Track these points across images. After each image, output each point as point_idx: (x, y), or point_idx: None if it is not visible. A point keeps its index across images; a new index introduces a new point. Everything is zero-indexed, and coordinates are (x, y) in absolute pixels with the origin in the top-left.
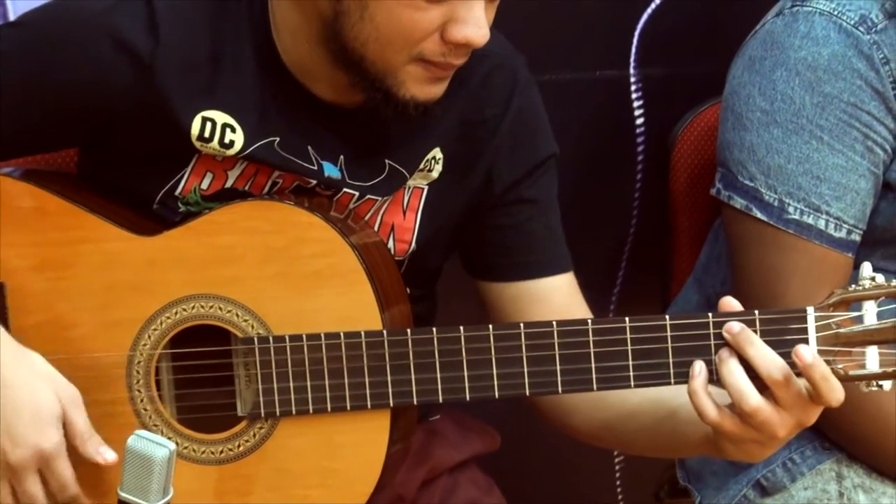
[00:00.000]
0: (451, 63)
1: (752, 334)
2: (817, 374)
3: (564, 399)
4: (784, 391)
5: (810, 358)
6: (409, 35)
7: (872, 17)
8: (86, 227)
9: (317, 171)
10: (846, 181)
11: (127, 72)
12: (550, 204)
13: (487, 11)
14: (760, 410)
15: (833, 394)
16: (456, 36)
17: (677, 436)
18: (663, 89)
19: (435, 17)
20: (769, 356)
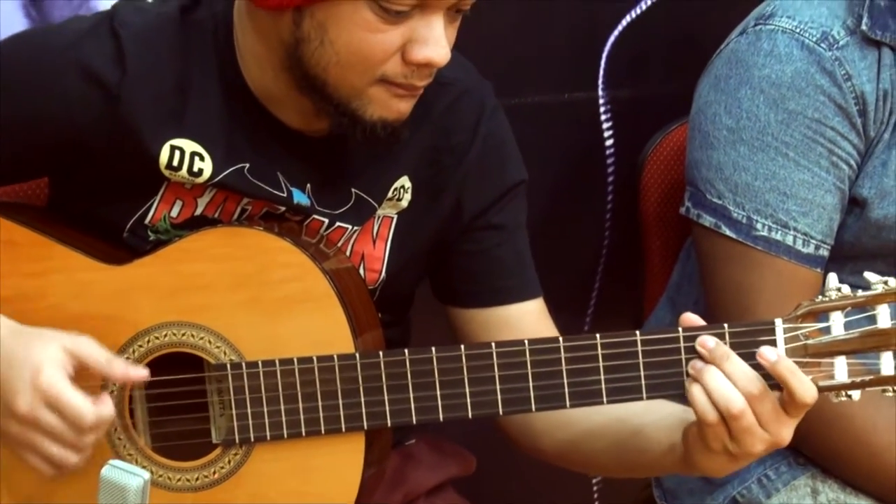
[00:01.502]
0: (414, 84)
1: (727, 350)
2: (785, 371)
3: (532, 421)
4: (760, 405)
5: (774, 356)
6: (370, 57)
7: (834, 33)
8: (56, 258)
9: (286, 197)
10: (812, 197)
11: (95, 102)
12: (519, 230)
13: (448, 31)
14: (746, 413)
15: (804, 387)
16: (417, 56)
17: (643, 453)
18: (631, 111)
19: (394, 39)
20: (745, 370)
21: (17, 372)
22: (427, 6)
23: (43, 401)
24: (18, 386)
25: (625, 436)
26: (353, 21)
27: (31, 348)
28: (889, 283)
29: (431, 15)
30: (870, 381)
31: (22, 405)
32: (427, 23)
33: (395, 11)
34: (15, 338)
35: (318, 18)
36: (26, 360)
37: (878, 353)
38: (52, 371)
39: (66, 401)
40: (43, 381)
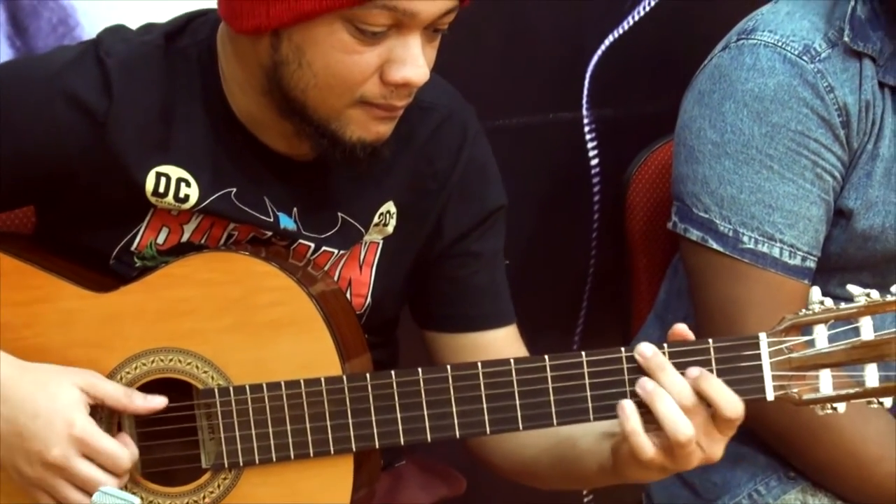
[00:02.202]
0: (393, 105)
1: (664, 360)
2: (707, 386)
3: (489, 438)
4: (695, 418)
5: (697, 372)
6: (348, 79)
7: (816, 46)
8: (42, 287)
9: (273, 222)
10: (798, 209)
11: (81, 130)
12: (496, 257)
13: (427, 50)
14: (691, 441)
15: (726, 399)
16: (395, 77)
17: (578, 465)
18: (616, 130)
19: (372, 60)
20: (680, 382)
21: (44, 421)
22: (403, 26)
23: (79, 451)
24: (50, 436)
25: (563, 448)
26: (330, 43)
27: (52, 393)
28: (871, 296)
29: (408, 35)
30: (855, 394)
31: (56, 454)
32: (404, 43)
33: (371, 32)
34: (25, 378)
35: (296, 41)
36: (53, 410)
37: (863, 364)
38: (84, 420)
39: (104, 448)
40: (78, 432)
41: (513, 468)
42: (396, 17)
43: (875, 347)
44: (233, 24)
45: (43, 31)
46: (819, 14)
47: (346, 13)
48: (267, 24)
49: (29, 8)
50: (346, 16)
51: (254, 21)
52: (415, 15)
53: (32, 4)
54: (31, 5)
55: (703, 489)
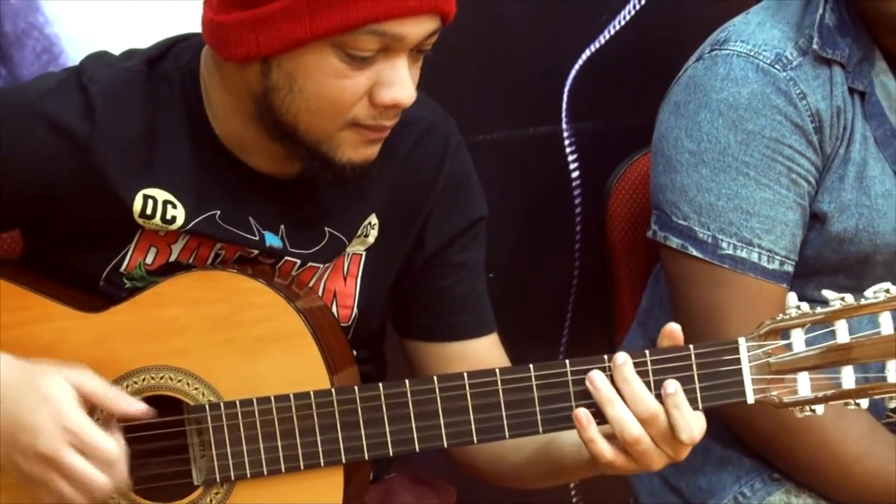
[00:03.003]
0: (382, 125)
1: (628, 374)
2: (672, 407)
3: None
4: (654, 427)
5: (673, 389)
6: (339, 102)
7: (787, 55)
8: (34, 308)
9: (258, 241)
10: (774, 214)
11: (66, 155)
12: (477, 267)
13: (412, 71)
14: (642, 439)
15: (684, 424)
16: (384, 98)
17: (560, 464)
18: (595, 142)
19: (362, 83)
20: (641, 394)
21: (35, 414)
22: (390, 50)
23: (69, 442)
24: (40, 426)
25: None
26: (321, 69)
27: (41, 387)
28: (846, 300)
29: (395, 58)
30: (832, 395)
31: (47, 444)
32: (391, 66)
33: (360, 57)
34: (20, 374)
35: (286, 68)
36: (43, 401)
37: (839, 367)
38: (76, 412)
39: (95, 442)
40: (69, 423)
41: (497, 473)
42: (384, 41)
43: (851, 350)
44: (221, 52)
45: (27, 59)
46: (789, 23)
47: (336, 40)
48: (257, 53)
49: (13, 37)
50: (335, 42)
51: (243, 49)
52: (402, 38)
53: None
54: (16, 34)
55: (690, 493)
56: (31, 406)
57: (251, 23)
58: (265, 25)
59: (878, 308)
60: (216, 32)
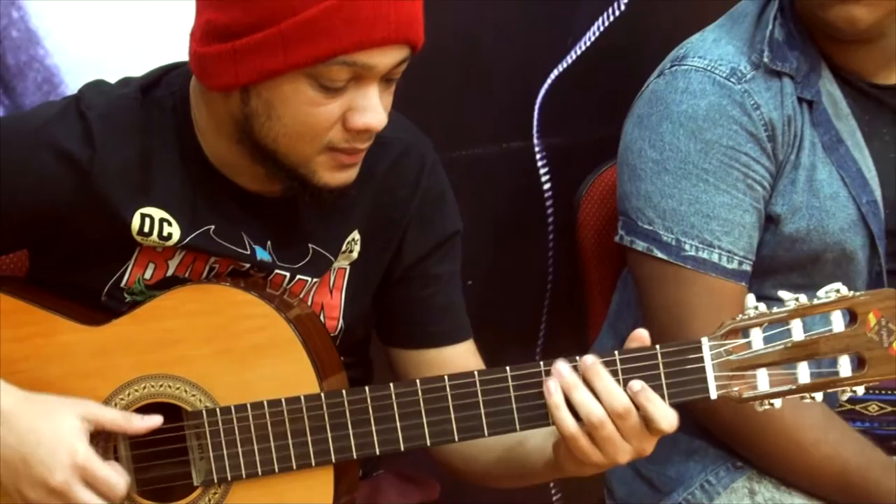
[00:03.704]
0: (356, 148)
1: (601, 369)
2: (644, 400)
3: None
4: (622, 421)
5: (639, 386)
6: (315, 128)
7: (741, 69)
8: (39, 323)
9: (250, 255)
10: (733, 217)
11: (68, 179)
12: (453, 278)
13: (384, 97)
14: (606, 423)
15: (660, 413)
16: (357, 123)
17: (525, 463)
18: (565, 156)
19: (335, 109)
20: (613, 389)
21: (48, 449)
22: (361, 78)
23: (80, 477)
24: (54, 463)
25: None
26: (297, 97)
27: (55, 423)
28: (800, 300)
29: (366, 86)
30: (789, 390)
31: (59, 480)
32: (363, 93)
33: (332, 87)
34: (29, 408)
35: (265, 97)
36: (56, 440)
37: (795, 363)
38: (86, 449)
39: (104, 477)
40: (80, 460)
41: (470, 472)
42: (355, 70)
43: (806, 347)
44: (204, 81)
45: (29, 89)
46: (742, 39)
47: (309, 70)
48: (236, 82)
49: (15, 69)
50: (309, 73)
51: (224, 79)
52: (372, 68)
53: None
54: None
55: (660, 482)
56: (43, 442)
57: (230, 55)
58: (243, 57)
59: (829, 307)
60: (200, 63)
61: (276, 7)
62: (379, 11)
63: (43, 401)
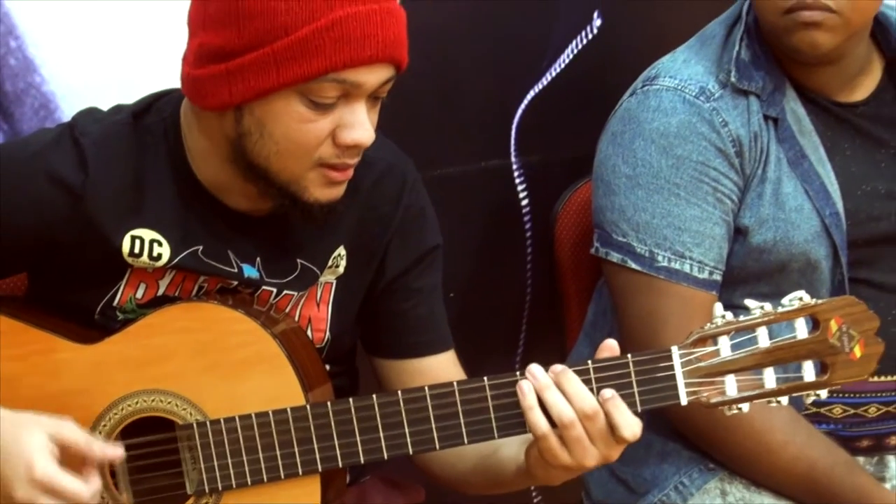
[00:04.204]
0: (346, 163)
1: (571, 375)
2: (612, 408)
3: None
4: (591, 423)
5: (610, 394)
6: (305, 144)
7: (710, 88)
8: (36, 342)
9: (237, 273)
10: (703, 229)
11: (63, 203)
12: (434, 291)
13: (371, 114)
14: (576, 423)
15: (625, 422)
16: (346, 139)
17: (500, 471)
18: (542, 173)
19: (325, 126)
20: (583, 393)
21: (11, 466)
22: (350, 96)
23: (41, 490)
24: (14, 480)
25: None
26: (288, 114)
27: (19, 440)
28: (765, 308)
29: (355, 103)
30: (756, 395)
31: (21, 495)
32: (351, 110)
33: (322, 104)
34: (2, 425)
35: (257, 115)
36: (18, 455)
37: (762, 369)
38: (45, 462)
39: (63, 487)
40: (38, 474)
41: (449, 479)
42: (344, 88)
43: (771, 353)
44: (198, 102)
45: (27, 115)
46: (711, 60)
47: (300, 88)
48: (230, 101)
49: (13, 96)
50: (300, 90)
51: (218, 99)
52: (360, 85)
53: (17, 92)
54: (15, 93)
55: (636, 484)
56: (8, 459)
57: (224, 75)
58: (236, 77)
59: (793, 315)
60: (193, 85)
61: (269, 28)
62: (367, 31)
63: (17, 420)
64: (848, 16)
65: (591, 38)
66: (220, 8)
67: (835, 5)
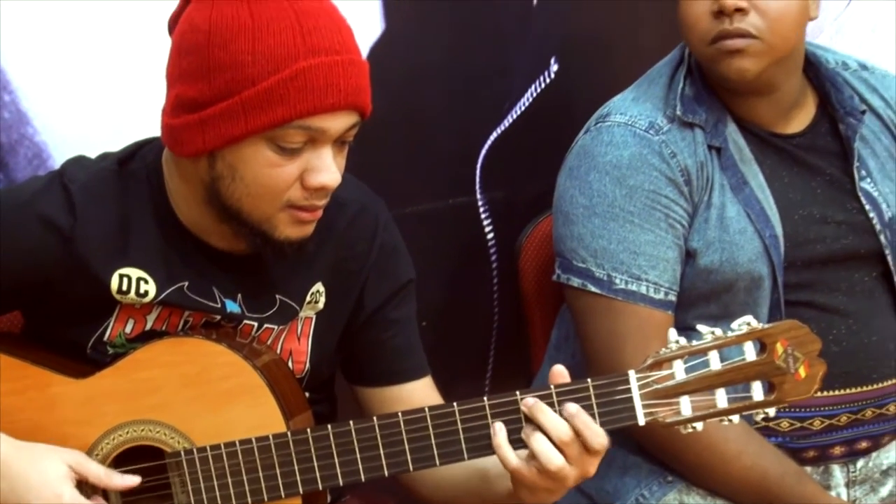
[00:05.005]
0: (315, 205)
1: (543, 406)
2: (580, 423)
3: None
4: (571, 449)
5: (574, 409)
6: (274, 188)
7: (658, 122)
8: (32, 377)
9: (220, 308)
10: (657, 253)
11: (54, 245)
12: (410, 322)
13: (337, 158)
14: (564, 468)
15: (592, 433)
16: (313, 182)
17: (491, 491)
18: (505, 208)
19: (293, 170)
20: (557, 422)
21: (37, 494)
22: (316, 141)
23: None
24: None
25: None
26: (257, 160)
27: (42, 471)
28: (716, 333)
29: (320, 148)
30: (709, 414)
31: None
32: (318, 155)
33: (290, 149)
34: (20, 456)
35: (229, 160)
36: (44, 484)
37: (714, 389)
38: (71, 491)
39: None
40: (66, 502)
41: (437, 499)
42: (310, 134)
43: (722, 375)
44: (175, 149)
45: (21, 164)
46: (658, 97)
47: (268, 135)
48: (203, 148)
49: (7, 146)
50: (268, 137)
51: (193, 146)
52: (325, 131)
53: (10, 143)
54: (10, 144)
55: (599, 496)
56: (32, 487)
57: (197, 124)
58: (208, 125)
59: (741, 339)
60: (171, 133)
61: (237, 79)
62: (329, 81)
63: (32, 449)
64: (769, 41)
65: (549, 83)
66: (193, 62)
67: (755, 31)
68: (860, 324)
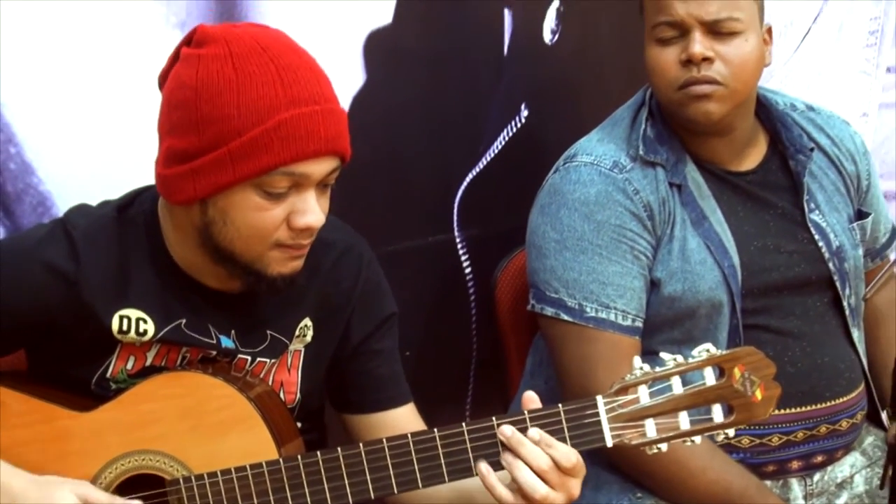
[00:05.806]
0: (301, 244)
1: (521, 437)
2: (544, 446)
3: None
4: (551, 475)
5: (538, 435)
6: (264, 230)
7: (622, 161)
8: (39, 412)
9: (216, 344)
10: (624, 282)
11: (58, 289)
12: (393, 352)
13: (321, 200)
14: (549, 495)
15: (564, 456)
16: (298, 223)
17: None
18: (482, 245)
19: (279, 213)
20: (537, 452)
21: None
22: (300, 185)
23: None
24: None
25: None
26: (246, 204)
27: (56, 498)
28: (677, 360)
29: (305, 192)
30: (673, 435)
31: None
32: (302, 198)
33: (276, 194)
34: (33, 488)
35: (220, 206)
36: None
37: (677, 413)
38: None
39: None
40: None
41: None
42: (294, 179)
43: (684, 399)
44: (168, 198)
45: (26, 212)
46: (621, 138)
47: (255, 181)
48: (195, 196)
49: (14, 195)
50: (255, 183)
51: (185, 195)
52: (308, 176)
53: (16, 192)
54: (16, 192)
55: None
56: None
57: (188, 174)
58: (199, 175)
59: (701, 365)
60: (164, 183)
61: (224, 131)
62: (310, 129)
63: (45, 482)
64: (733, 86)
65: (519, 127)
66: (182, 116)
67: (721, 78)
68: (814, 346)
